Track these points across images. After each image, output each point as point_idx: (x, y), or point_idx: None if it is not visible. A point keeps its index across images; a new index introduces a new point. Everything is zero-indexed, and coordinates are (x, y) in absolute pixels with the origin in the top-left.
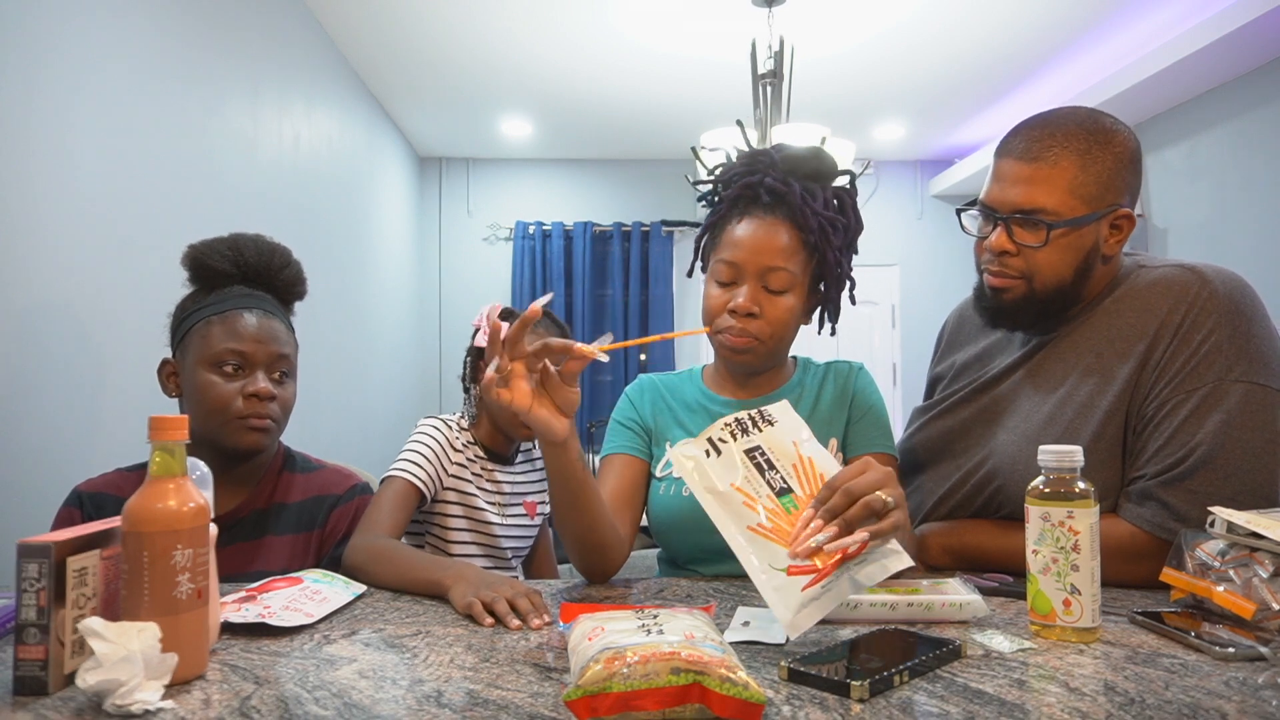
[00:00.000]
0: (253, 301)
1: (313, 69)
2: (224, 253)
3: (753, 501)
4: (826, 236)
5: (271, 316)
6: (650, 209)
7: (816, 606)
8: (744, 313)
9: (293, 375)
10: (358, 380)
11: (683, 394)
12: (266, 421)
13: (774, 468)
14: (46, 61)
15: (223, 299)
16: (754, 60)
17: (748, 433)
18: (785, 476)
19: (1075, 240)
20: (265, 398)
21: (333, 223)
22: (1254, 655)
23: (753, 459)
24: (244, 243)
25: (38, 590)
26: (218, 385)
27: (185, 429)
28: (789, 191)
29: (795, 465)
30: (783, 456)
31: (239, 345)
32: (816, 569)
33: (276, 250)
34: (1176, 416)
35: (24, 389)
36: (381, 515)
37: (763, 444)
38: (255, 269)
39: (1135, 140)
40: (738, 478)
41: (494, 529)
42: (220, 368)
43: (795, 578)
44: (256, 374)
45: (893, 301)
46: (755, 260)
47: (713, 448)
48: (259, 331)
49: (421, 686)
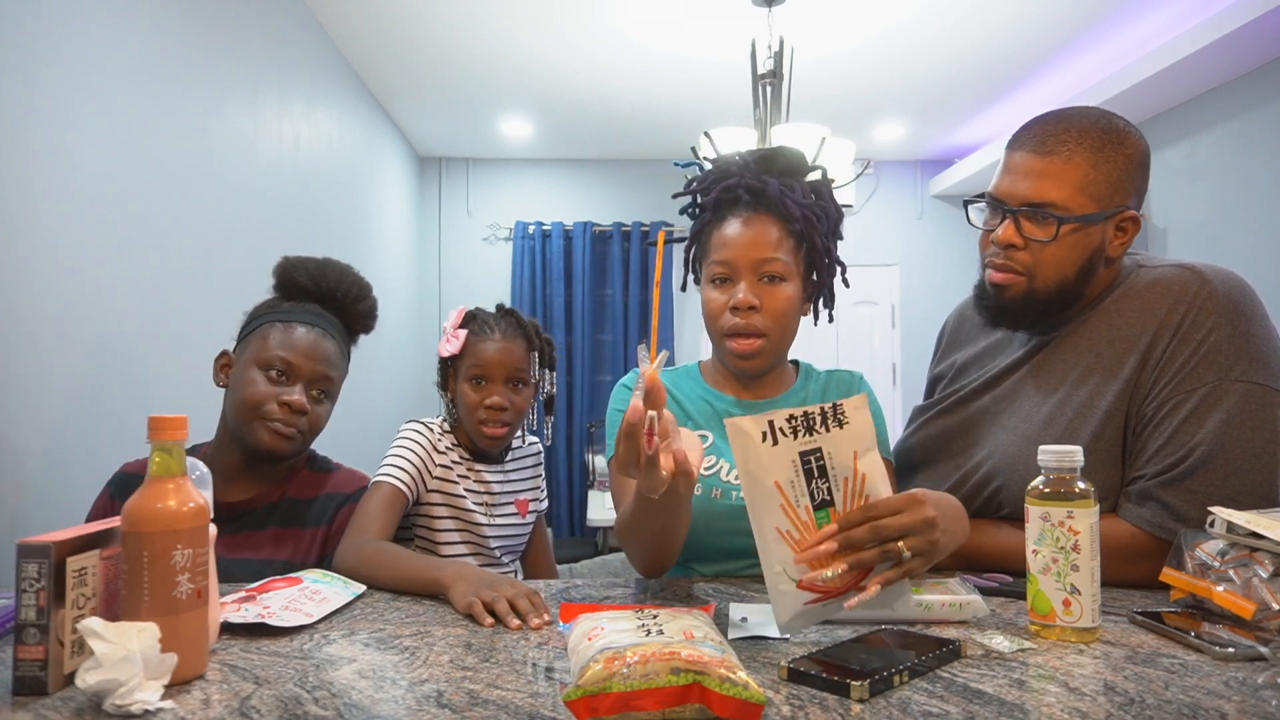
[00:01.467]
0: (317, 320)
1: (313, 69)
2: (310, 271)
3: (790, 507)
4: (811, 224)
5: (329, 338)
6: (650, 209)
7: (813, 615)
8: (745, 306)
9: (331, 398)
10: (358, 380)
11: (686, 391)
12: (292, 430)
13: (825, 476)
14: (46, 61)
15: (292, 310)
16: (754, 60)
17: (813, 431)
18: (832, 489)
19: (1082, 238)
20: (297, 409)
21: (333, 223)
22: (1254, 655)
23: (805, 463)
24: (330, 267)
25: (37, 590)
26: (259, 384)
27: (184, 429)
28: (766, 187)
29: (847, 480)
30: (839, 466)
31: (288, 355)
32: (824, 589)
33: (358, 282)
34: (1176, 416)
35: (24, 389)
36: (370, 519)
37: (824, 446)
38: (332, 292)
39: (1145, 144)
40: (783, 477)
41: (483, 529)
42: (267, 370)
43: (803, 592)
44: (296, 385)
45: (893, 301)
46: (747, 255)
47: (771, 434)
48: (311, 348)
49: (421, 686)
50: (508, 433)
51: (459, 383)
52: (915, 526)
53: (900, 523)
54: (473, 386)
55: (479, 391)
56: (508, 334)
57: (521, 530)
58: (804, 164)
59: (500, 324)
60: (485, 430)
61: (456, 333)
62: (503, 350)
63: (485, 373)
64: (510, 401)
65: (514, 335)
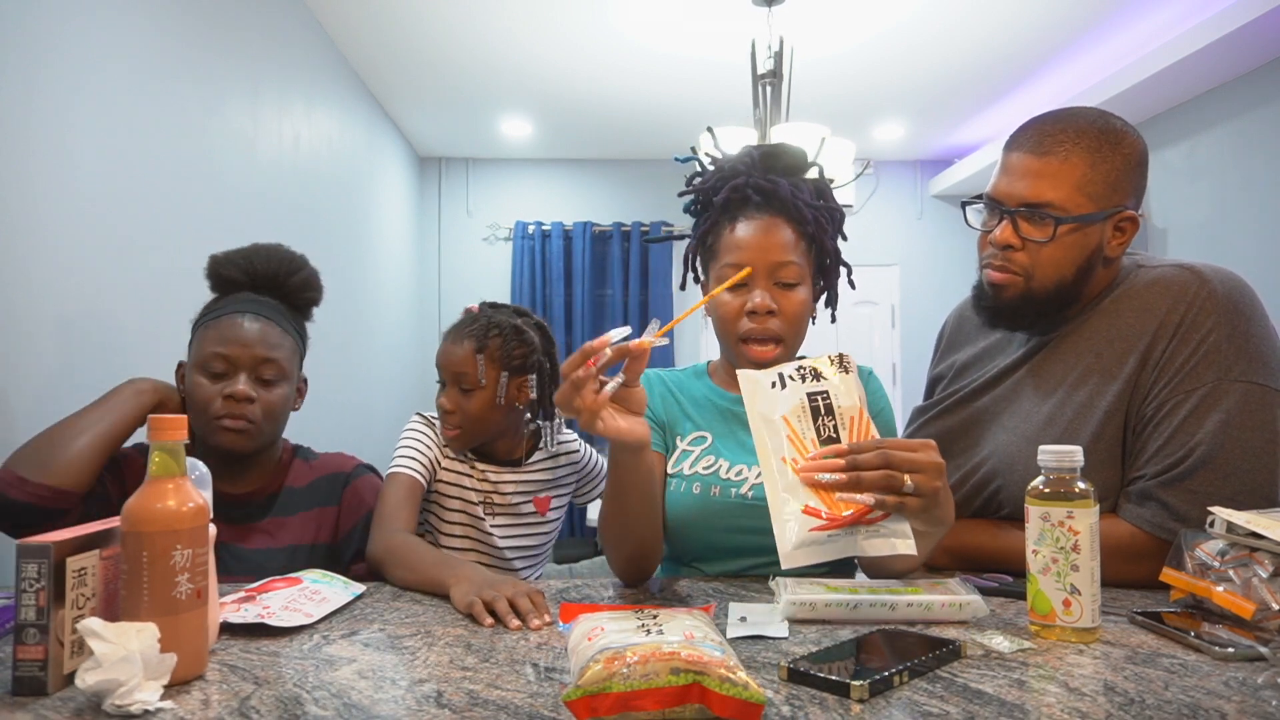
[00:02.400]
0: (251, 306)
1: (313, 69)
2: (238, 262)
3: (797, 439)
4: (822, 226)
5: (267, 321)
6: (650, 209)
7: (815, 551)
8: (764, 311)
9: (286, 379)
10: (358, 380)
11: (690, 390)
12: (241, 423)
13: (831, 414)
14: (46, 61)
15: (224, 305)
16: (754, 60)
17: (820, 377)
18: (839, 426)
19: (1080, 239)
20: (241, 399)
21: (333, 223)
22: (1254, 655)
23: (813, 401)
24: (258, 252)
25: (37, 590)
26: (203, 386)
27: (184, 429)
28: (777, 188)
29: (854, 419)
30: (846, 405)
31: (223, 349)
32: (829, 518)
33: (289, 258)
34: (1176, 416)
35: (24, 389)
36: (394, 510)
37: (830, 389)
38: (264, 276)
39: (1144, 144)
40: (791, 414)
41: (484, 524)
42: (207, 370)
43: (807, 517)
44: (238, 376)
45: (893, 301)
46: (763, 259)
47: (780, 381)
48: (245, 335)
49: (421, 686)
50: (457, 438)
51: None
52: (924, 465)
53: (910, 458)
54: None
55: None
56: (455, 334)
57: (540, 529)
58: (805, 162)
59: (459, 324)
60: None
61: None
62: (443, 352)
63: (440, 374)
64: (456, 405)
65: (460, 336)
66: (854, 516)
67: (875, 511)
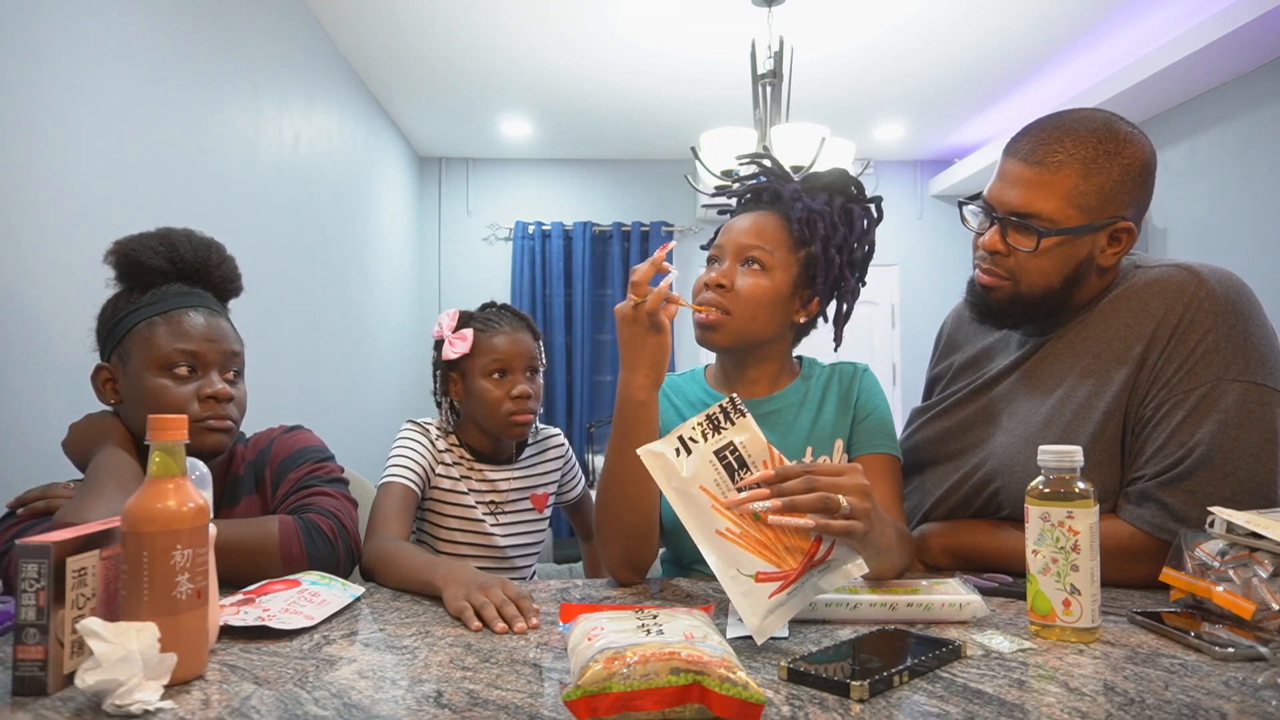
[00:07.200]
0: (195, 300)
1: (313, 69)
2: (157, 249)
3: (721, 506)
4: (814, 227)
5: (217, 315)
6: (650, 209)
7: (782, 613)
8: (714, 285)
9: (243, 374)
10: (358, 380)
11: (686, 392)
12: (226, 422)
13: (744, 465)
14: (46, 61)
15: (162, 298)
16: (754, 60)
17: (720, 429)
18: (757, 472)
19: (1068, 250)
20: (224, 399)
21: (332, 223)
22: (1254, 655)
23: (723, 459)
24: (177, 238)
25: (37, 590)
26: (171, 389)
27: (184, 429)
28: (785, 189)
29: (766, 462)
30: (754, 452)
31: (190, 346)
32: (783, 575)
33: (211, 245)
34: (1175, 417)
35: (24, 389)
36: (387, 518)
37: (735, 439)
38: (191, 265)
39: (1149, 151)
40: (707, 480)
41: (485, 525)
42: (172, 370)
43: (763, 584)
44: (211, 375)
45: (892, 301)
46: (734, 241)
47: (683, 446)
48: (209, 330)
49: (421, 686)
50: (532, 420)
51: (474, 381)
52: (849, 488)
53: (836, 481)
54: (494, 381)
55: (501, 385)
56: (516, 325)
57: (538, 526)
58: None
59: (504, 317)
60: (515, 420)
61: (461, 333)
62: (517, 340)
63: (505, 364)
64: (532, 389)
65: (521, 326)
66: (805, 561)
67: (821, 549)
